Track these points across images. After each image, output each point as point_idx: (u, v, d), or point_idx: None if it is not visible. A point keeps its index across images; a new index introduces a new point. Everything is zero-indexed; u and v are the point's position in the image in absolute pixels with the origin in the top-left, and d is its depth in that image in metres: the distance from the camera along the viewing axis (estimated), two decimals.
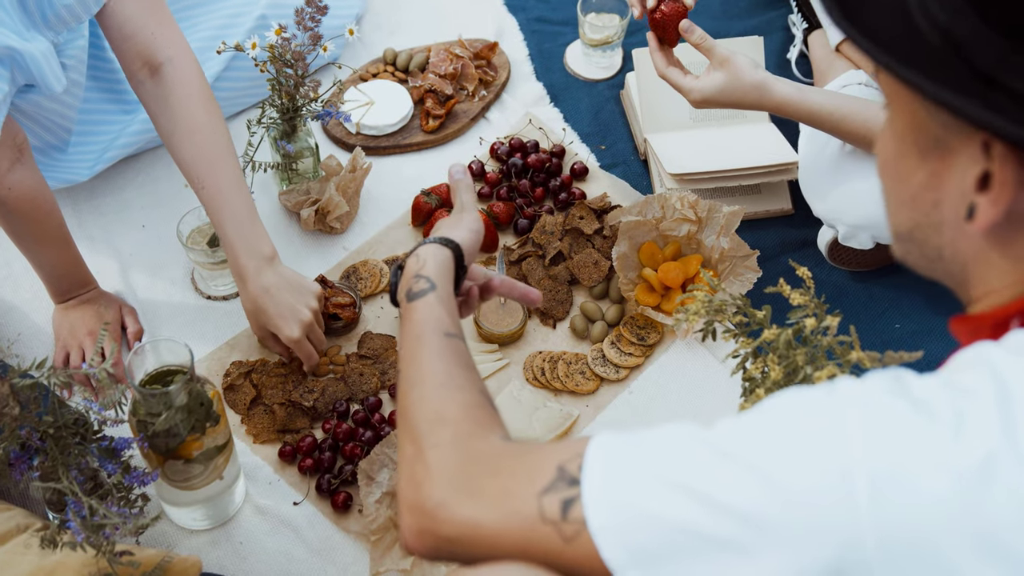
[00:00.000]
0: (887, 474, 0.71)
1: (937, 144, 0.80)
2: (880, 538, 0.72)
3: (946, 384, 0.75)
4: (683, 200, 1.72)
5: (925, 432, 0.72)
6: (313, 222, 1.81)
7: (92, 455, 1.29)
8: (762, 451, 0.76)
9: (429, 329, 1.08)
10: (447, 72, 2.03)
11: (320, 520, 1.54)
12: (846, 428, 0.73)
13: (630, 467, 0.80)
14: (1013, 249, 0.80)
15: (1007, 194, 0.76)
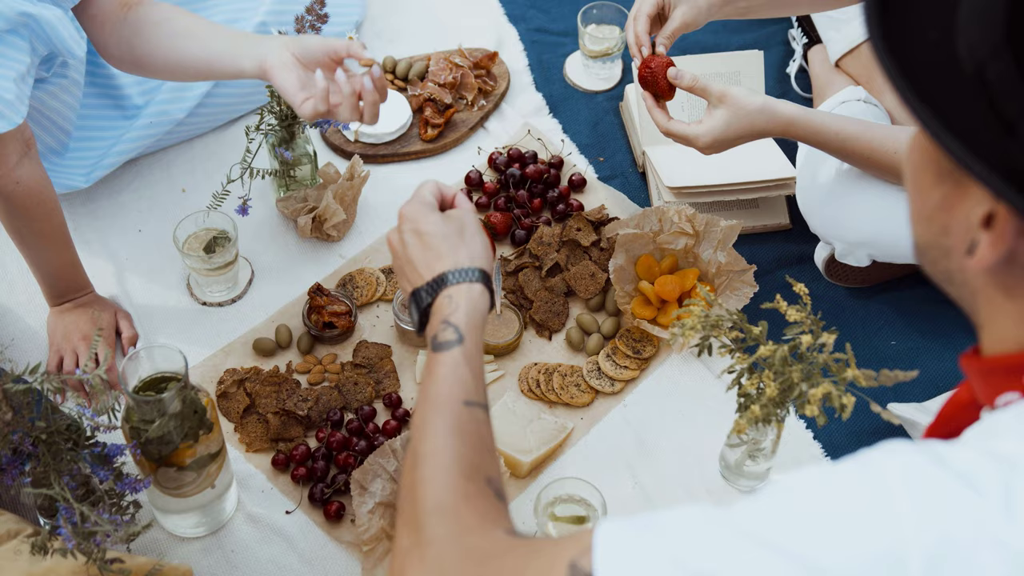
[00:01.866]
0: (942, 553, 0.68)
1: (952, 175, 0.78)
2: None
3: (986, 454, 0.72)
4: (681, 213, 1.72)
5: (976, 507, 0.69)
6: (310, 229, 1.80)
7: (84, 461, 1.28)
8: (797, 533, 0.70)
9: (448, 395, 1.04)
10: (446, 81, 2.03)
11: (312, 529, 1.54)
12: (894, 504, 0.69)
13: (646, 555, 0.74)
14: (1017, 294, 0.79)
15: (1006, 240, 0.75)
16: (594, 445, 1.63)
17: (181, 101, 1.88)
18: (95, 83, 1.85)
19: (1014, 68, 0.72)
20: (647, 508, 1.56)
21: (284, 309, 1.77)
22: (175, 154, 1.95)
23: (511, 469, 1.57)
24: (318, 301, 1.71)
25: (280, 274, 1.82)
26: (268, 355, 1.71)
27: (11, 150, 1.50)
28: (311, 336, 1.72)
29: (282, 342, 1.72)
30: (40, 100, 1.69)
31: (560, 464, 1.61)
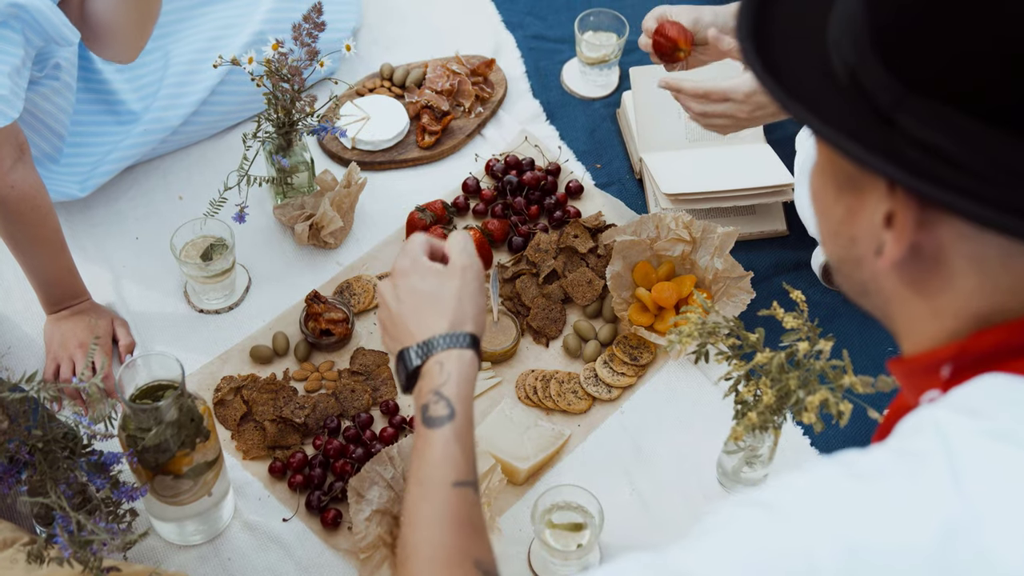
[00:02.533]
0: (851, 561, 0.70)
1: (851, 181, 0.81)
2: None
3: (894, 453, 0.75)
4: (678, 220, 1.72)
5: (879, 509, 0.71)
6: (307, 237, 1.80)
7: (81, 469, 1.28)
8: (720, 565, 0.74)
9: (438, 479, 1.04)
10: (443, 88, 2.03)
11: (309, 537, 1.54)
12: (797, 522, 0.72)
13: None
14: (927, 290, 0.81)
15: (907, 233, 0.77)
16: (591, 452, 1.63)
17: (177, 108, 1.88)
18: (88, 88, 1.85)
19: (883, 69, 0.76)
20: (644, 514, 1.56)
21: (281, 316, 1.77)
22: (172, 161, 1.95)
23: (508, 476, 1.57)
24: (315, 308, 1.71)
25: (277, 281, 1.81)
26: (265, 362, 1.71)
27: (5, 153, 1.51)
28: (308, 343, 1.72)
29: (279, 349, 1.72)
30: (33, 103, 1.69)
31: (557, 471, 1.61)
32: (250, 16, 1.97)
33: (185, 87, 1.90)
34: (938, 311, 0.81)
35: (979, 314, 0.79)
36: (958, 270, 0.78)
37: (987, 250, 0.77)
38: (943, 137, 0.74)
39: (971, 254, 0.77)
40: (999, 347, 0.78)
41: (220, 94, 1.93)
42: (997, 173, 0.73)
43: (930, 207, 0.76)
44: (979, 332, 0.79)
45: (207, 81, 1.90)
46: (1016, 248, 0.76)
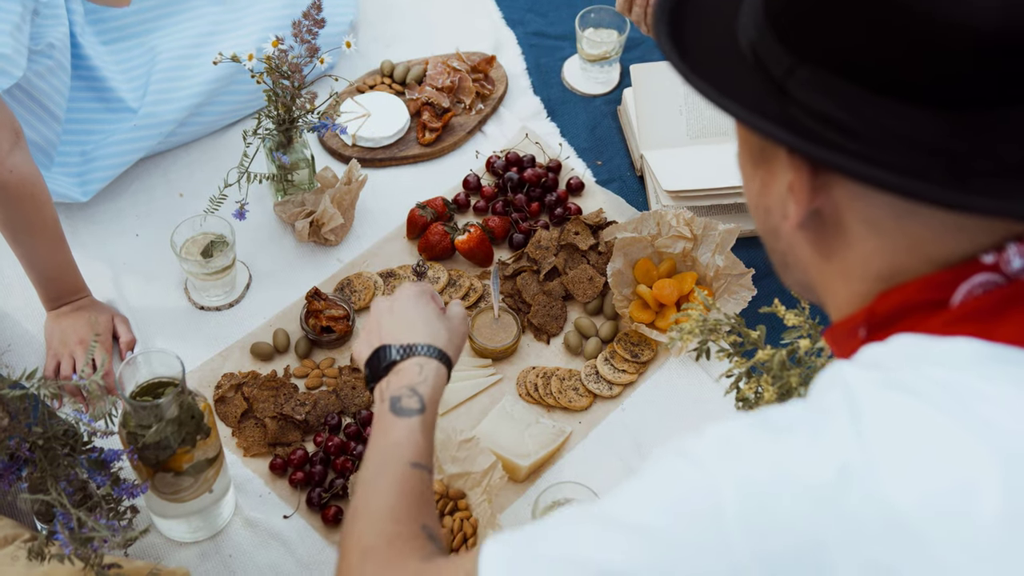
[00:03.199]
0: (752, 498, 0.74)
1: (762, 155, 0.87)
2: (757, 559, 0.73)
3: (806, 407, 0.79)
4: (679, 217, 1.72)
5: (783, 454, 0.75)
6: (308, 234, 1.80)
7: (81, 466, 1.28)
8: (638, 506, 0.78)
9: (398, 456, 1.12)
10: (444, 85, 2.02)
11: (310, 534, 1.54)
12: (707, 462, 0.76)
13: (519, 555, 0.82)
14: (833, 254, 0.85)
15: (804, 197, 0.82)
16: (592, 449, 1.63)
17: (169, 103, 1.88)
18: (79, 75, 1.85)
19: (775, 41, 0.82)
20: None
21: (282, 313, 1.76)
22: (172, 159, 1.95)
23: (509, 473, 1.57)
24: (316, 305, 1.71)
25: (278, 278, 1.81)
26: (266, 359, 1.71)
27: (3, 137, 1.51)
28: (309, 340, 1.72)
29: (280, 346, 1.71)
30: (29, 82, 1.69)
31: (558, 468, 1.61)
32: (242, 14, 1.97)
33: (176, 82, 1.90)
34: (846, 274, 0.85)
35: (881, 275, 0.83)
36: (856, 232, 0.82)
37: (879, 211, 0.80)
38: (829, 103, 0.78)
39: (865, 216, 0.81)
40: (903, 306, 0.81)
41: (220, 92, 1.93)
42: (878, 135, 0.77)
43: (822, 171, 0.81)
44: (882, 293, 0.83)
45: (199, 76, 1.90)
46: (906, 208, 0.79)
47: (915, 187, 0.74)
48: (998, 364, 0.76)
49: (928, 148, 0.76)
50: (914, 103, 0.76)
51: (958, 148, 0.76)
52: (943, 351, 0.78)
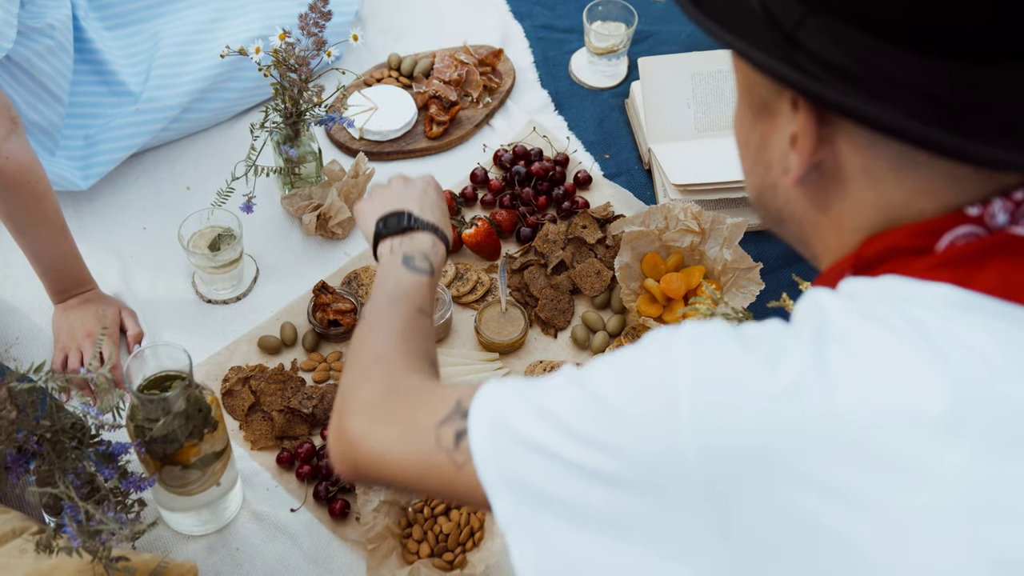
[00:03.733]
0: (706, 397, 0.76)
1: (764, 107, 0.87)
2: (700, 455, 0.75)
3: (778, 324, 0.81)
4: (687, 211, 1.72)
5: (745, 361, 0.77)
6: (315, 227, 1.80)
7: (89, 460, 1.28)
8: (608, 380, 0.81)
9: (409, 300, 1.20)
10: (451, 78, 2.02)
11: (317, 527, 1.54)
12: (674, 355, 0.78)
13: (512, 401, 0.86)
14: (828, 207, 0.86)
15: (808, 148, 0.83)
16: None
17: (173, 87, 1.88)
18: (82, 59, 1.84)
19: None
20: None
21: (289, 307, 1.77)
22: (180, 151, 1.95)
23: None
24: (323, 299, 1.71)
25: (285, 272, 1.81)
26: (273, 353, 1.71)
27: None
28: (316, 334, 1.72)
29: (287, 340, 1.72)
30: (29, 62, 1.69)
31: None
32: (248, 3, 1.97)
33: (179, 67, 1.89)
34: (839, 226, 0.86)
35: (873, 227, 0.84)
36: (854, 184, 0.83)
37: (880, 163, 0.81)
38: (839, 52, 0.79)
39: (866, 168, 0.82)
40: (889, 249, 0.83)
41: (224, 80, 1.92)
42: (885, 84, 0.77)
43: (828, 122, 0.81)
44: (869, 238, 0.84)
45: (202, 62, 1.90)
46: (905, 161, 0.80)
47: (926, 133, 0.75)
48: (970, 311, 0.78)
49: (936, 98, 0.77)
50: (925, 54, 0.76)
51: (965, 99, 0.77)
52: (920, 293, 0.80)
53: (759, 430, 0.74)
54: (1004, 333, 0.77)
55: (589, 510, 0.79)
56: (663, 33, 2.17)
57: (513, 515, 0.84)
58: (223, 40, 1.87)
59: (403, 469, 0.97)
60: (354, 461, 1.01)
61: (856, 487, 0.72)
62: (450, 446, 0.91)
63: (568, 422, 0.81)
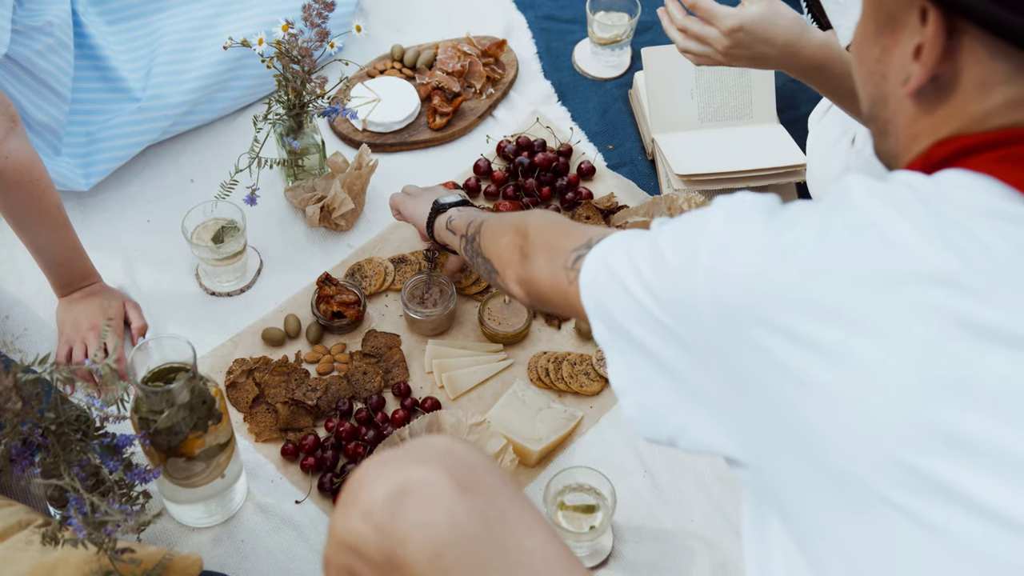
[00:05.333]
0: (720, 251, 0.87)
1: (889, 20, 0.90)
2: (710, 298, 0.86)
3: (806, 202, 0.89)
4: (690, 201, 1.71)
5: (761, 227, 0.86)
6: (318, 219, 1.80)
7: (94, 452, 1.28)
8: (667, 236, 0.94)
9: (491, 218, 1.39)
10: (455, 69, 2.02)
11: (322, 519, 1.54)
12: (711, 218, 0.90)
13: (619, 246, 1.01)
14: (934, 115, 0.89)
15: (933, 57, 0.86)
16: (604, 433, 1.63)
17: (175, 85, 1.87)
18: (82, 55, 1.84)
19: None
20: (657, 497, 1.56)
21: (293, 299, 1.77)
22: (183, 144, 1.95)
23: (520, 458, 1.57)
24: (327, 291, 1.71)
25: (289, 264, 1.81)
26: (277, 345, 1.71)
27: None
28: (320, 326, 1.72)
29: (291, 332, 1.72)
30: (29, 61, 1.69)
31: (570, 453, 1.61)
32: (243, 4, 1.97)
33: (181, 64, 1.89)
34: (935, 130, 0.90)
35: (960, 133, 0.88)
36: (964, 95, 0.87)
37: (995, 75, 0.85)
38: None
39: (981, 80, 0.85)
40: (960, 149, 0.86)
41: (228, 79, 1.92)
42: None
43: (955, 33, 0.84)
44: (940, 141, 0.89)
45: (205, 59, 1.89)
46: (1020, 75, 0.84)
47: None
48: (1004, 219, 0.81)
49: None
50: None
51: None
52: (964, 186, 0.84)
53: (752, 284, 0.84)
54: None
55: (644, 343, 0.95)
56: None
57: (604, 336, 1.00)
58: (224, 37, 1.87)
59: (546, 286, 1.18)
60: (526, 287, 1.23)
61: (826, 340, 0.80)
62: (569, 265, 1.11)
63: (639, 267, 0.95)
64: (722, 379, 0.88)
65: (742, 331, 0.84)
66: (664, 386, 0.94)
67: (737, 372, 0.86)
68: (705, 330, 0.87)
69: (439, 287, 1.72)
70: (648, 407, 0.97)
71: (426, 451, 1.01)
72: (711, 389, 0.90)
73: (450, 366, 1.68)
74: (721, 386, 0.88)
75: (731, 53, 1.50)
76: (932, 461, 0.77)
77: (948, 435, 0.77)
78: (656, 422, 0.97)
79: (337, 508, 1.02)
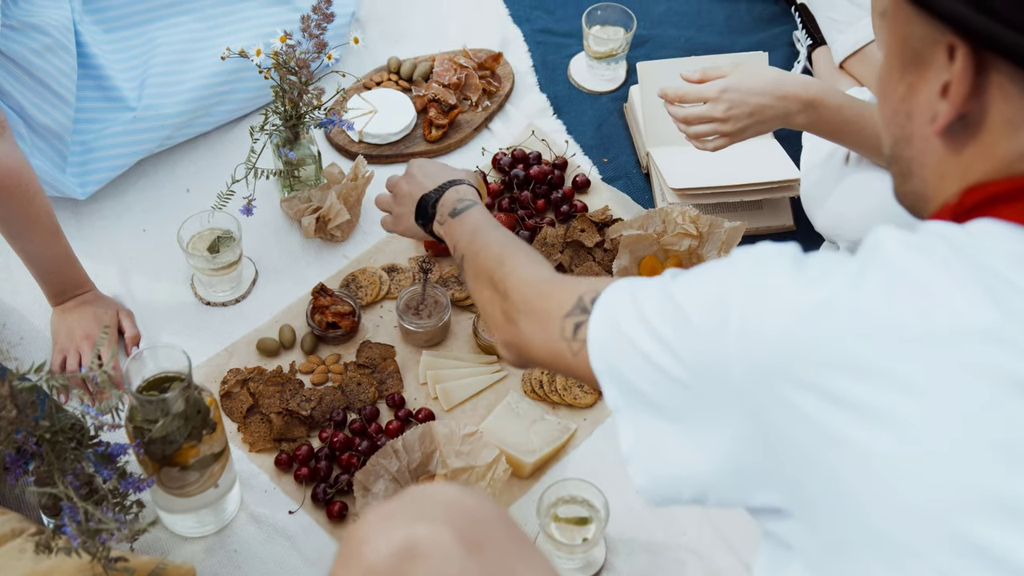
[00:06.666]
0: (752, 309, 0.84)
1: (915, 57, 0.88)
2: (742, 359, 0.83)
3: (839, 255, 0.88)
4: (684, 215, 1.72)
5: (792, 281, 0.84)
6: (314, 230, 1.81)
7: (88, 460, 1.28)
8: (687, 291, 0.91)
9: (484, 223, 1.33)
10: (451, 82, 2.03)
11: (315, 529, 1.54)
12: (737, 271, 0.87)
13: (624, 302, 0.97)
14: (963, 156, 0.87)
15: (961, 94, 0.84)
16: (597, 446, 1.63)
17: (170, 96, 1.88)
18: (80, 64, 1.84)
19: None
20: (650, 509, 1.56)
21: (288, 309, 1.77)
22: (180, 154, 1.95)
23: (514, 469, 1.57)
24: (322, 301, 1.71)
25: (284, 274, 1.82)
26: (272, 355, 1.71)
27: None
28: (315, 336, 1.72)
29: (286, 342, 1.72)
30: (27, 60, 1.69)
31: (563, 465, 1.61)
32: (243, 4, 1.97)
33: (177, 75, 1.89)
34: (963, 177, 0.88)
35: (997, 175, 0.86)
36: (992, 134, 0.85)
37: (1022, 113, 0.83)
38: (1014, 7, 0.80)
39: (1010, 118, 0.84)
40: (992, 195, 0.85)
41: (224, 92, 1.92)
42: None
43: (983, 70, 0.83)
44: (970, 187, 0.86)
45: (201, 71, 1.90)
46: None
47: None
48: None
49: None
50: None
51: None
52: (1000, 237, 0.81)
53: (787, 343, 0.81)
54: None
55: (664, 406, 0.91)
56: (662, 38, 2.18)
57: (617, 402, 0.97)
58: (218, 49, 1.87)
59: (541, 354, 1.12)
60: (515, 351, 1.18)
61: (867, 400, 0.77)
62: (570, 336, 1.06)
63: (655, 326, 0.92)
64: (755, 439, 0.85)
65: (777, 391, 0.81)
66: (684, 449, 0.90)
67: (772, 432, 0.83)
68: (737, 391, 0.84)
69: (434, 298, 1.73)
70: (661, 475, 0.93)
71: (433, 506, 0.96)
72: (744, 451, 0.86)
73: (444, 377, 1.68)
74: (755, 446, 0.85)
75: (732, 115, 1.57)
76: (987, 529, 0.74)
77: (1004, 502, 0.74)
78: (673, 487, 0.93)
79: (338, 562, 0.97)
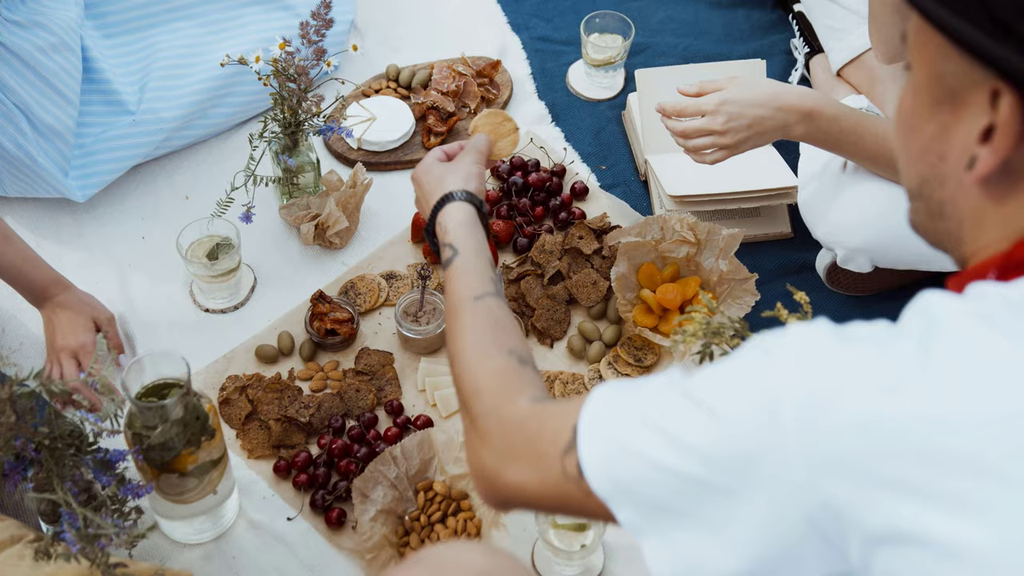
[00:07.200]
0: (810, 402, 0.77)
1: (950, 95, 0.83)
2: (804, 456, 0.77)
3: (887, 325, 0.81)
4: (683, 222, 1.72)
5: (847, 367, 0.77)
6: (312, 237, 1.81)
7: (87, 467, 1.29)
8: (715, 391, 0.83)
9: (459, 299, 1.23)
10: (449, 89, 2.03)
11: (313, 536, 1.54)
12: (777, 365, 0.80)
13: (619, 414, 0.90)
14: (1005, 206, 0.83)
15: (1007, 143, 0.79)
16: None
17: (169, 100, 1.88)
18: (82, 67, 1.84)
19: None
20: None
21: (286, 316, 1.77)
22: (179, 161, 1.96)
23: None
24: (320, 308, 1.71)
25: (283, 281, 1.82)
26: (270, 362, 1.71)
27: None
28: (313, 343, 1.72)
29: (284, 349, 1.72)
30: (32, 56, 1.69)
31: None
32: (243, 10, 1.97)
33: (176, 80, 1.90)
34: (1005, 226, 0.83)
35: None
36: None
37: None
38: None
39: None
40: None
41: (223, 96, 1.93)
42: None
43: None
44: (1021, 241, 0.82)
45: (200, 75, 1.90)
46: None
47: None
48: None
49: None
50: None
51: None
52: None
53: (858, 435, 0.75)
54: None
55: (702, 516, 0.83)
56: (660, 45, 2.18)
57: (636, 524, 0.88)
58: (218, 54, 1.87)
59: (541, 499, 1.00)
60: (497, 495, 1.04)
61: (953, 491, 0.73)
62: (575, 475, 0.93)
63: (675, 434, 0.83)
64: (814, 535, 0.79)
65: (851, 487, 0.76)
66: (728, 557, 0.83)
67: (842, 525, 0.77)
68: (800, 486, 0.78)
69: (432, 305, 1.73)
70: None
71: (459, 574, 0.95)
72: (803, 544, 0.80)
73: (442, 384, 1.68)
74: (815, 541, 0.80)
75: (730, 127, 1.57)
76: None
77: None
78: None
79: None
